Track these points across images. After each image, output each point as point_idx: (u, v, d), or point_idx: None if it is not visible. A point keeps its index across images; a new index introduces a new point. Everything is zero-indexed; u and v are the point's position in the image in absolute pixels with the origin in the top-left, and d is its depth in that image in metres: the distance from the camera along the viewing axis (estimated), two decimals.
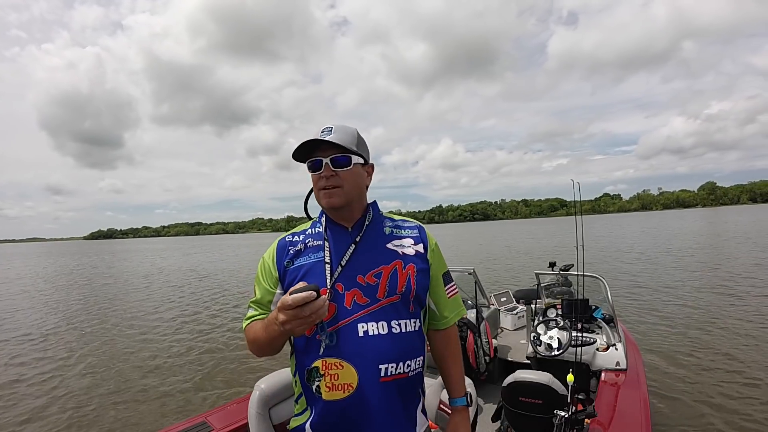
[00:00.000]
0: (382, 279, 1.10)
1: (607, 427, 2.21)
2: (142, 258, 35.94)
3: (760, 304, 7.76)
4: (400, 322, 1.09)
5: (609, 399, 2.59)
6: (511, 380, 2.47)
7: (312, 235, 1.19)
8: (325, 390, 1.05)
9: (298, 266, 1.14)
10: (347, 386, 1.03)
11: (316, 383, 1.06)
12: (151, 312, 10.36)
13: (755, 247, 17.17)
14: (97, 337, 7.94)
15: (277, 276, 1.16)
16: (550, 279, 4.51)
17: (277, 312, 0.90)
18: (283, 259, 1.16)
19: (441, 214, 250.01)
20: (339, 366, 1.04)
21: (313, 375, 1.07)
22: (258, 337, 1.08)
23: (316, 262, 1.13)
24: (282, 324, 0.89)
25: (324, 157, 1.09)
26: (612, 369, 3.05)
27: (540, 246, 25.87)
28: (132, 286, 15.83)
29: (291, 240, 1.20)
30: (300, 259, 1.15)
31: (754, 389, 4.30)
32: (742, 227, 31.18)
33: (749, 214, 58.62)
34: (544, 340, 3.28)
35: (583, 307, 3.47)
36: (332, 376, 1.04)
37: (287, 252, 1.17)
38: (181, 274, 19.87)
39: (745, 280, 10.09)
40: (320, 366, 1.06)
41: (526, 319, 3.98)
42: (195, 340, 7.40)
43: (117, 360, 6.47)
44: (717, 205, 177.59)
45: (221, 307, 10.63)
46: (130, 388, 5.28)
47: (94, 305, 11.61)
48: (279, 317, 0.89)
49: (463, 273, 4.21)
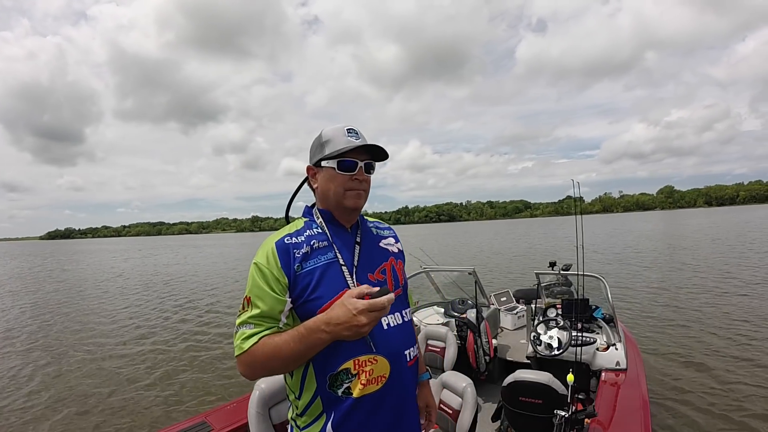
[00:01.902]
0: (387, 275, 1.19)
1: (607, 426, 2.21)
2: (101, 259, 34.17)
3: (760, 303, 7.77)
4: (404, 312, 1.21)
5: (609, 399, 2.59)
6: (511, 380, 2.46)
7: (314, 236, 1.15)
8: (360, 387, 1.05)
9: (310, 270, 1.08)
10: (381, 378, 1.08)
11: (346, 385, 1.06)
12: (108, 322, 9.28)
13: (738, 248, 17.28)
14: (46, 352, 7.19)
15: (286, 282, 1.06)
16: (550, 279, 4.51)
17: (356, 317, 0.95)
18: (291, 263, 1.08)
19: (407, 215, 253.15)
20: (373, 361, 1.07)
21: (341, 378, 1.06)
22: (282, 352, 1.01)
23: (329, 264, 1.11)
24: (358, 330, 0.96)
25: (360, 160, 1.13)
26: (612, 369, 3.05)
27: (504, 247, 26.16)
28: (86, 293, 14.13)
29: (293, 242, 1.11)
30: (310, 262, 1.10)
31: (754, 389, 4.30)
32: (699, 228, 31.87)
33: (704, 217, 61.50)
34: (544, 340, 3.28)
35: (583, 307, 3.47)
36: (367, 372, 1.06)
37: (293, 255, 1.09)
38: (143, 278, 18.48)
39: (743, 280, 10.12)
40: (351, 366, 1.06)
41: (526, 319, 3.98)
42: (156, 359, 6.52)
43: (61, 380, 5.77)
44: (675, 208, 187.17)
45: (188, 314, 9.77)
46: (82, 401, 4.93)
47: (44, 314, 10.61)
48: (360, 320, 0.95)
49: (463, 273, 4.22)
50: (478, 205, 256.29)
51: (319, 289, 1.07)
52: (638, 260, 15.49)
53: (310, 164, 1.20)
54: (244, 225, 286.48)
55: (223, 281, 16.06)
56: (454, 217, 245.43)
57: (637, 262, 14.83)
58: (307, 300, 1.06)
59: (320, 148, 1.16)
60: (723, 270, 11.88)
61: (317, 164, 1.16)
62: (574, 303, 3.47)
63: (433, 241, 37.50)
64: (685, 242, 22.00)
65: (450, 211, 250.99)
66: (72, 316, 10.17)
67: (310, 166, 1.20)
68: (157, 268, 22.90)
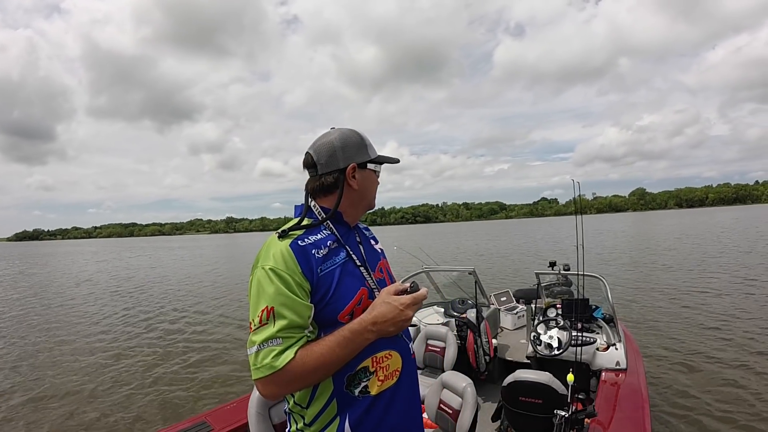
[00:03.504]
0: (384, 273, 1.22)
1: (607, 426, 2.21)
2: (68, 263, 31.60)
3: (759, 303, 7.77)
4: None
5: (609, 399, 2.59)
6: (511, 380, 2.46)
7: (327, 236, 1.11)
8: (378, 384, 1.06)
9: (329, 271, 1.05)
10: (395, 372, 1.10)
11: (363, 384, 1.04)
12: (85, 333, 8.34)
13: (728, 248, 17.33)
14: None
15: (309, 287, 1.01)
16: (550, 279, 4.51)
17: (403, 311, 1.02)
18: (314, 266, 1.03)
19: (383, 216, 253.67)
20: (389, 356, 1.09)
21: (360, 377, 1.04)
22: (327, 362, 0.97)
23: (343, 263, 1.10)
24: (406, 322, 1.04)
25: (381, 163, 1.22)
26: (612, 369, 3.05)
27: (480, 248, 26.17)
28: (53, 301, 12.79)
29: (311, 243, 1.06)
30: (327, 263, 1.06)
31: (754, 389, 4.29)
32: (682, 229, 32.00)
33: (677, 218, 62.63)
34: (544, 340, 3.28)
35: (583, 307, 3.47)
36: (384, 368, 1.08)
37: (314, 257, 1.04)
38: (114, 282, 17.27)
39: (741, 280, 10.12)
40: (370, 364, 1.05)
41: (526, 319, 3.98)
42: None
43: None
44: (646, 210, 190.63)
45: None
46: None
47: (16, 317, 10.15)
48: (408, 314, 1.02)
49: (463, 273, 4.21)
50: (454, 207, 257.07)
51: (341, 289, 1.05)
52: (636, 260, 15.53)
53: (354, 162, 1.12)
54: (219, 226, 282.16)
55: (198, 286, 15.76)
56: (429, 218, 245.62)
57: (635, 262, 14.87)
58: (329, 302, 1.02)
59: (364, 149, 1.16)
60: (723, 270, 11.89)
61: (362, 165, 1.15)
62: (574, 303, 3.47)
63: (411, 242, 37.07)
64: (672, 243, 22.11)
65: (426, 212, 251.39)
66: (41, 327, 9.20)
67: (354, 164, 1.13)
68: (132, 272, 21.53)
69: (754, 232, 25.61)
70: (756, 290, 8.90)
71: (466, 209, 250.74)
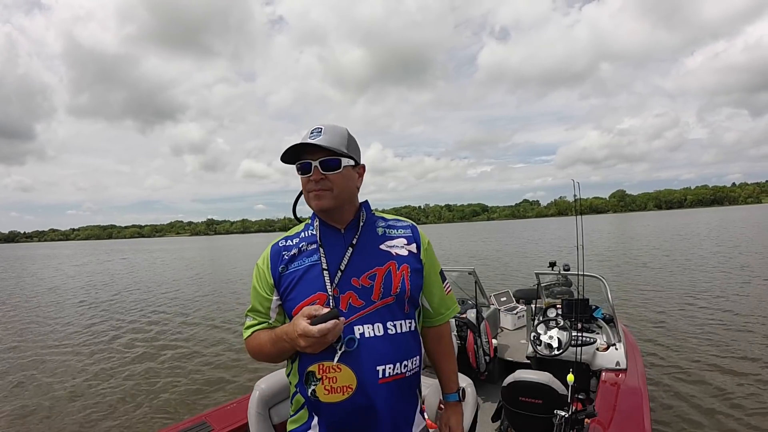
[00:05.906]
0: (376, 281, 1.10)
1: (607, 426, 2.21)
2: (42, 266, 31.10)
3: (759, 303, 7.77)
4: (395, 323, 1.10)
5: (609, 399, 2.59)
6: (511, 380, 2.47)
7: (306, 238, 1.17)
8: (323, 393, 1.05)
9: (293, 271, 1.13)
10: (346, 388, 1.04)
11: (313, 386, 1.06)
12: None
13: (720, 247, 17.31)
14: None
15: (272, 282, 1.14)
16: (550, 279, 4.51)
17: (297, 338, 0.99)
18: (277, 265, 1.15)
19: None
20: (337, 369, 1.04)
21: (310, 378, 1.07)
22: (264, 349, 1.13)
23: (311, 266, 1.12)
24: (302, 348, 1.01)
25: (313, 160, 1.08)
26: (612, 369, 3.05)
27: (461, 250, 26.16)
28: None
29: (285, 245, 1.18)
30: (294, 263, 1.14)
31: (755, 389, 4.29)
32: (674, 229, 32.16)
33: (657, 219, 63.74)
34: (544, 340, 3.28)
35: (583, 307, 3.47)
36: (330, 379, 1.04)
37: (281, 257, 1.15)
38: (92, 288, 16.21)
39: (741, 280, 10.12)
40: (316, 370, 1.06)
41: (526, 319, 3.98)
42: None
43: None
44: (626, 211, 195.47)
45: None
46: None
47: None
48: (300, 342, 0.99)
49: (463, 273, 4.21)
50: (436, 209, 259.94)
51: (295, 290, 1.11)
52: (633, 260, 15.50)
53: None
54: (199, 228, 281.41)
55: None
56: (412, 219, 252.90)
57: (631, 262, 14.84)
58: (286, 300, 1.13)
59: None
60: (721, 270, 11.86)
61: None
62: (574, 303, 3.47)
63: None
64: (662, 243, 22.16)
65: (408, 214, 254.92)
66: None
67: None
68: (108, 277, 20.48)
69: (739, 232, 25.48)
70: (756, 290, 8.89)
71: (449, 211, 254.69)
